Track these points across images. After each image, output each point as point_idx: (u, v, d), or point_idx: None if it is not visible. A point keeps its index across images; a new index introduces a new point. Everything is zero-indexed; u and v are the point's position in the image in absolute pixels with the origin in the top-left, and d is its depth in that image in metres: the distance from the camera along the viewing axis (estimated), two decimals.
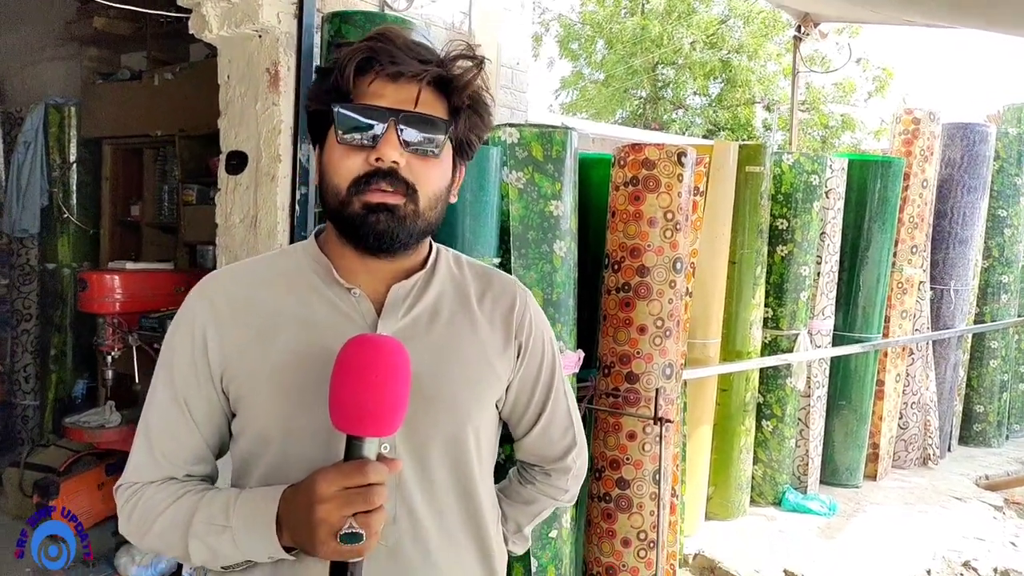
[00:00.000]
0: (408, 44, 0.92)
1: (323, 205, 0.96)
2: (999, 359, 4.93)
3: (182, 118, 3.40)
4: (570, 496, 1.22)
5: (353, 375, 0.81)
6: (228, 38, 2.49)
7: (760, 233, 3.54)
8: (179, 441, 0.96)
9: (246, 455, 0.97)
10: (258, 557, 0.89)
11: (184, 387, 0.96)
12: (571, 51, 17.32)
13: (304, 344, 0.94)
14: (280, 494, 0.87)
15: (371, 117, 0.89)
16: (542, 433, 1.14)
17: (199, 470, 0.99)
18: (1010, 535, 3.62)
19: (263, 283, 0.99)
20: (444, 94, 0.94)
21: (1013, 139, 4.78)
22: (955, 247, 4.55)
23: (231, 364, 0.95)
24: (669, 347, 2.63)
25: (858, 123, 15.49)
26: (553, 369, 1.13)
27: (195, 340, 0.95)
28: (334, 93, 0.91)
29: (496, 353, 1.04)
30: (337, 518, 0.80)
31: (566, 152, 2.41)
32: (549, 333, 1.14)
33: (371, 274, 0.98)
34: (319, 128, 0.96)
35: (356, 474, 0.81)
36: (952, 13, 3.50)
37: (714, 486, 3.59)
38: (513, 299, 1.08)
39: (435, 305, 1.01)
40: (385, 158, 0.89)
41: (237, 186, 2.50)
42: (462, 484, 1.00)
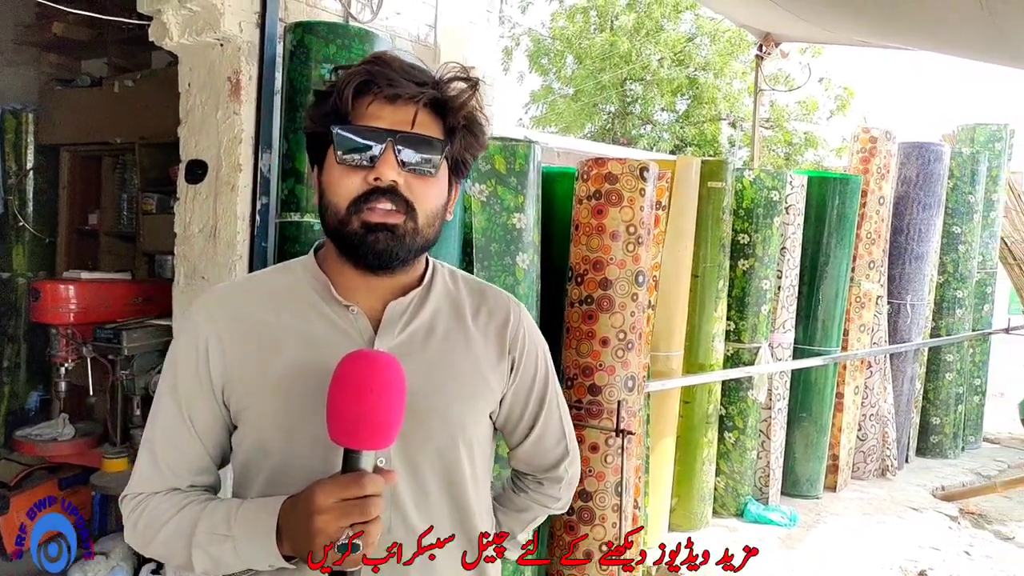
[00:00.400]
0: (404, 67, 0.95)
1: (323, 224, 0.99)
2: (954, 372, 5.05)
3: (143, 126, 3.34)
4: (562, 504, 1.26)
5: (350, 390, 0.84)
6: (189, 46, 2.46)
7: (722, 247, 3.60)
8: (183, 452, 1.00)
9: (246, 466, 1.00)
10: (259, 565, 0.92)
11: (188, 400, 0.99)
12: (541, 66, 17.45)
13: (304, 359, 0.97)
14: (280, 505, 0.90)
15: (369, 138, 0.92)
16: (535, 444, 1.17)
17: (202, 480, 1.02)
18: (964, 544, 3.70)
19: (264, 299, 1.02)
20: (440, 115, 0.97)
21: (967, 158, 4.93)
22: (911, 263, 4.66)
23: (232, 377, 0.98)
24: (631, 359, 2.65)
25: (821, 141, 15.82)
26: (547, 382, 1.16)
27: (198, 354, 0.99)
28: (333, 115, 0.94)
29: (490, 367, 1.07)
30: (335, 529, 0.83)
31: (529, 165, 2.43)
32: (543, 347, 1.17)
33: (369, 291, 1.00)
34: (318, 149, 0.99)
35: (353, 486, 0.83)
36: (902, 35, 3.61)
37: (677, 497, 3.61)
38: (507, 314, 1.11)
39: (431, 322, 1.04)
40: (384, 177, 0.92)
41: (197, 195, 2.47)
42: (453, 493, 1.03)
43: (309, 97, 2.24)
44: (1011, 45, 2.63)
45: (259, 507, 0.92)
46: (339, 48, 2.23)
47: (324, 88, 0.99)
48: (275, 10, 2.39)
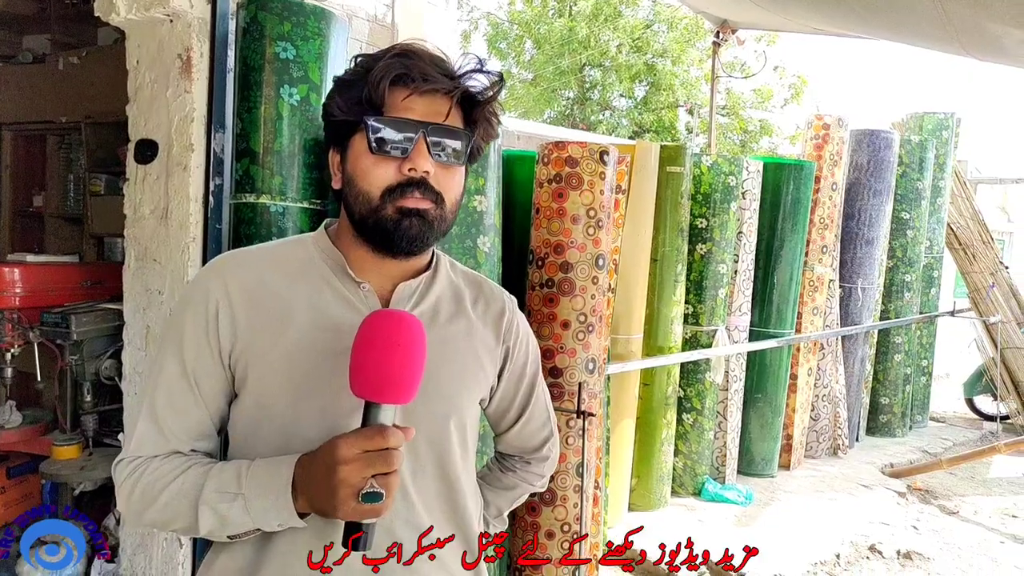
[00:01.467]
0: (435, 60, 0.99)
1: (347, 209, 1.02)
2: (903, 353, 5.21)
3: (89, 104, 3.24)
4: (544, 481, 1.33)
5: (378, 342, 0.86)
6: (137, 22, 2.37)
7: (681, 232, 3.63)
8: (186, 416, 1.00)
9: (247, 434, 1.01)
10: (268, 525, 0.92)
11: (194, 362, 0.99)
12: (500, 50, 17.36)
13: (315, 332, 0.99)
14: (296, 460, 0.91)
15: (404, 130, 0.96)
16: (523, 428, 1.24)
17: (203, 446, 1.02)
18: (912, 519, 3.83)
19: (275, 267, 1.04)
20: (464, 106, 1.02)
21: (915, 146, 5.05)
22: (862, 247, 4.77)
23: (241, 344, 0.99)
24: (592, 342, 2.66)
25: (775, 128, 16.09)
26: (536, 371, 1.24)
27: (208, 318, 0.99)
28: (366, 104, 0.97)
29: (486, 354, 1.12)
30: (358, 479, 0.84)
31: (490, 147, 2.41)
32: (533, 338, 1.24)
33: (381, 272, 1.04)
34: (340, 136, 1.02)
35: (378, 436, 0.85)
36: (858, 23, 3.67)
37: (637, 478, 3.66)
38: (503, 306, 1.17)
39: (436, 305, 1.08)
40: (419, 168, 0.96)
41: (147, 176, 2.39)
42: (443, 469, 1.06)
43: (264, 75, 2.19)
44: (960, 33, 2.70)
45: (273, 463, 0.92)
46: (293, 26, 2.18)
47: (347, 76, 1.01)
48: None
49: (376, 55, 0.99)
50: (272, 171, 2.16)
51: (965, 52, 3.13)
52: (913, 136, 5.18)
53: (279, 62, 2.16)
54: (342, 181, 1.03)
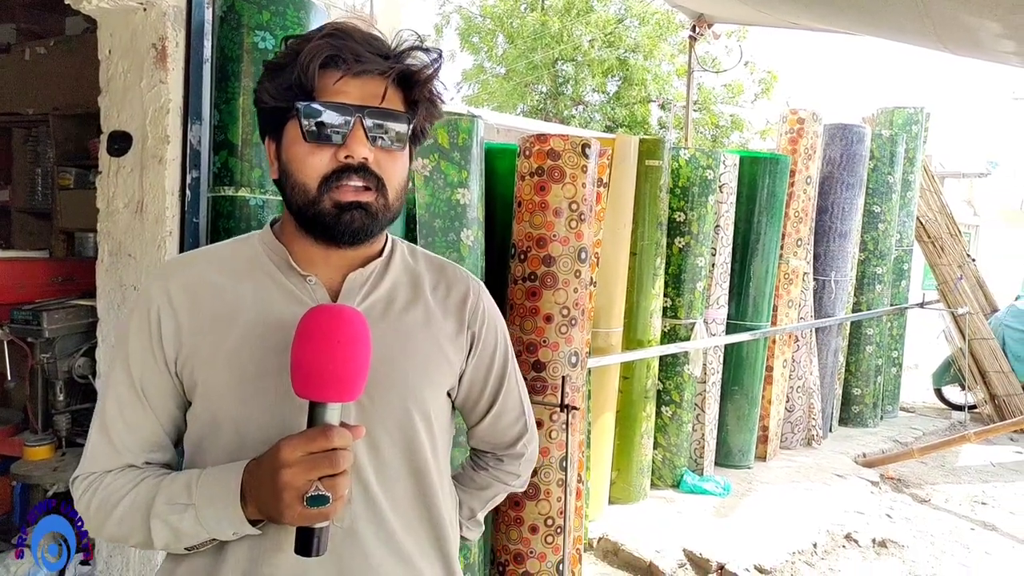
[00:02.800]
0: (368, 39, 0.93)
1: (286, 201, 0.97)
2: (874, 345, 5.29)
3: (57, 96, 3.15)
4: (521, 481, 1.26)
5: (316, 339, 0.82)
6: (109, 10, 2.31)
7: (659, 225, 3.65)
8: (137, 428, 0.97)
9: (200, 440, 0.97)
10: (223, 534, 0.89)
11: (140, 373, 0.97)
12: (472, 44, 17.29)
13: (260, 330, 0.95)
14: (243, 467, 0.88)
15: (339, 114, 0.91)
16: (495, 421, 1.17)
17: (158, 457, 0.99)
18: (886, 508, 3.89)
19: (219, 270, 1.00)
20: (403, 87, 0.96)
21: (886, 140, 5.13)
22: (835, 240, 4.84)
23: (186, 350, 0.95)
24: (575, 335, 2.66)
25: (746, 123, 16.24)
26: (506, 359, 1.16)
27: (151, 326, 0.96)
28: (296, 89, 0.91)
29: (449, 341, 1.06)
30: (303, 481, 0.81)
31: (472, 140, 2.39)
32: (502, 324, 1.17)
33: (328, 263, 1.00)
34: (273, 124, 0.97)
35: (321, 438, 0.82)
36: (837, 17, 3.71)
37: (617, 471, 3.67)
38: (466, 290, 1.11)
39: (390, 294, 1.03)
40: (355, 154, 0.91)
41: (121, 169, 2.33)
42: (414, 467, 1.02)
43: (242, 66, 2.15)
44: (937, 27, 2.74)
45: (221, 471, 0.90)
46: (272, 15, 2.14)
47: (277, 60, 0.95)
48: None
49: (307, 36, 0.94)
50: (251, 164, 2.12)
51: (942, 46, 3.18)
52: (884, 131, 5.26)
53: (257, 52, 2.11)
54: (279, 171, 0.98)
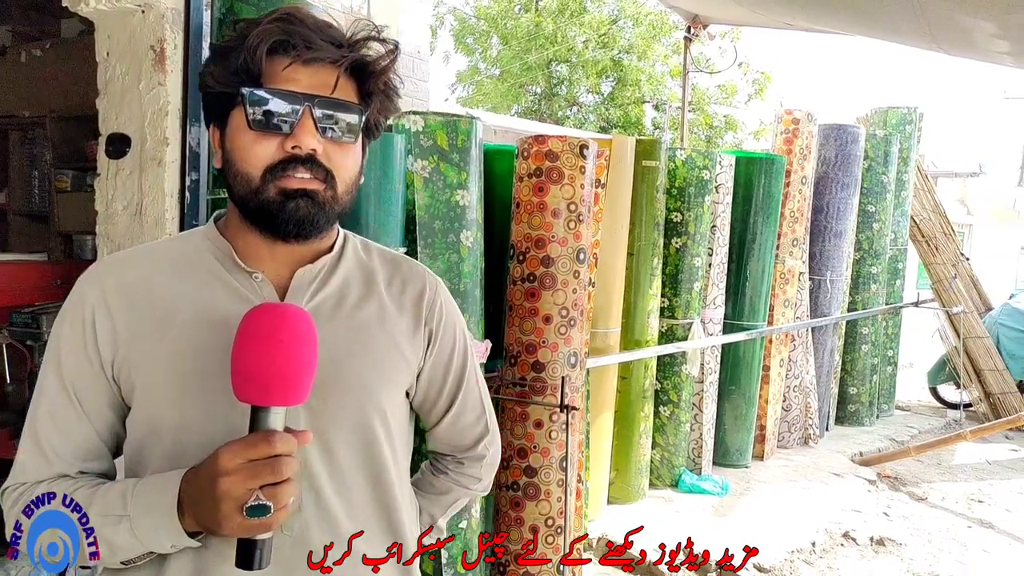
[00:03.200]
0: (320, 26, 0.89)
1: (228, 190, 0.92)
2: (870, 344, 5.31)
3: (54, 98, 3.14)
4: (483, 485, 1.21)
5: (256, 340, 0.78)
6: (107, 13, 2.31)
7: (656, 226, 3.65)
8: (69, 434, 0.91)
9: (140, 447, 0.92)
10: (159, 546, 0.84)
11: (73, 377, 0.91)
12: (466, 45, 17.32)
13: (202, 329, 0.90)
14: (181, 476, 0.83)
15: (287, 103, 0.86)
16: (454, 421, 1.13)
17: (93, 467, 0.93)
18: (883, 506, 3.91)
19: (158, 268, 0.95)
20: (356, 78, 0.92)
21: (880, 140, 5.15)
22: (830, 240, 4.85)
23: (123, 352, 0.90)
24: (574, 336, 2.66)
25: (739, 124, 16.30)
26: (465, 357, 1.12)
27: (85, 327, 0.91)
28: (243, 74, 0.87)
29: (405, 338, 1.02)
30: (242, 491, 0.76)
31: (471, 141, 2.40)
32: (461, 321, 1.12)
33: (275, 259, 0.95)
34: (218, 110, 0.92)
35: (262, 444, 0.77)
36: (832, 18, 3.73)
37: (616, 471, 3.68)
38: (423, 286, 1.06)
39: (341, 290, 0.99)
40: (303, 145, 0.86)
41: (119, 171, 2.33)
42: (372, 471, 0.98)
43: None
44: (933, 27, 2.76)
45: (158, 480, 0.84)
46: None
47: (225, 42, 0.91)
48: None
49: (257, 19, 0.89)
50: None
51: (936, 47, 3.20)
52: (878, 130, 5.29)
53: None
54: (222, 160, 0.93)
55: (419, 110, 2.45)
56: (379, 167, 2.14)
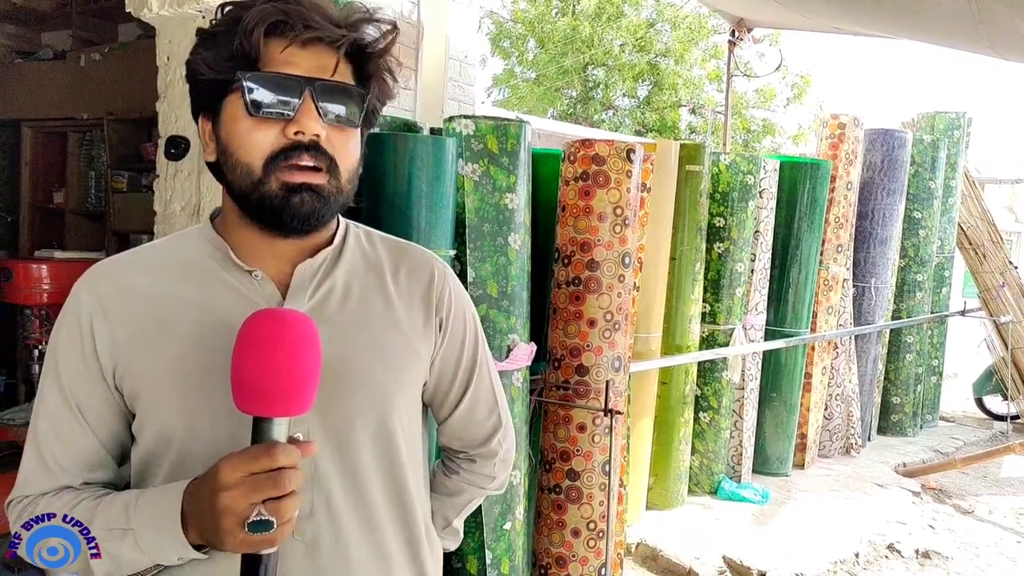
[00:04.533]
0: (317, 6, 0.85)
1: (225, 184, 0.88)
2: (914, 353, 5.21)
3: (111, 101, 3.23)
4: (498, 484, 1.16)
5: (256, 348, 0.74)
6: (169, 18, 2.38)
7: (699, 230, 3.64)
8: (72, 445, 0.88)
9: (146, 456, 0.89)
10: (166, 560, 0.82)
11: (73, 386, 0.88)
12: (503, 49, 17.37)
13: (203, 332, 0.87)
14: (184, 487, 0.80)
15: (287, 87, 0.82)
16: (466, 415, 1.08)
17: (98, 477, 0.90)
18: (928, 519, 3.84)
19: (155, 269, 0.91)
20: (354, 61, 0.89)
21: (927, 145, 5.06)
22: (875, 247, 4.78)
23: (123, 358, 0.87)
24: (618, 340, 2.67)
25: (778, 128, 16.12)
26: (476, 346, 1.07)
27: (83, 335, 0.87)
28: (239, 59, 0.82)
29: (415, 330, 0.98)
30: (244, 506, 0.73)
31: (520, 145, 2.42)
32: (471, 309, 1.08)
33: (275, 255, 0.91)
34: (209, 99, 0.87)
35: (263, 457, 0.74)
36: (883, 21, 3.68)
37: (655, 476, 3.67)
38: (431, 273, 1.01)
39: (346, 283, 0.95)
40: (306, 131, 0.82)
41: (178, 172, 2.40)
42: (390, 473, 0.94)
43: None
44: (990, 32, 2.71)
45: (161, 493, 0.82)
46: None
47: (213, 27, 0.87)
48: None
49: (245, 2, 0.84)
50: None
51: (991, 51, 3.14)
52: (925, 136, 5.19)
53: None
54: (216, 152, 0.88)
55: (469, 114, 2.48)
56: (431, 170, 2.17)
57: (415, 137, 2.22)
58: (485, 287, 2.32)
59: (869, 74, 44.97)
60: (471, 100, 3.46)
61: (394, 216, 2.16)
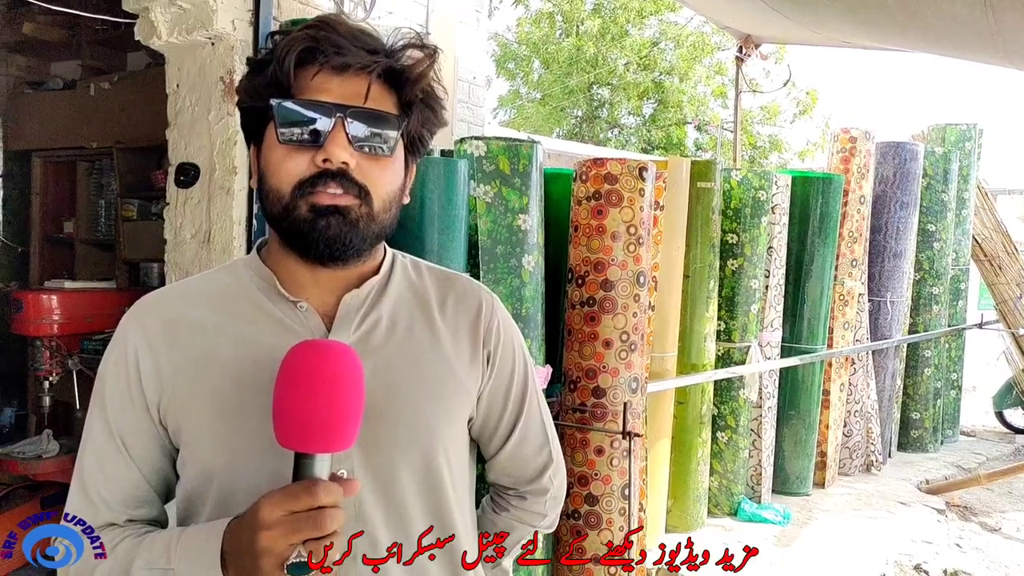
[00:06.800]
0: (353, 32, 0.84)
1: (263, 211, 0.89)
2: (932, 367, 5.14)
3: (120, 129, 3.24)
4: (549, 522, 1.13)
5: (297, 383, 0.73)
6: (178, 45, 2.38)
7: (712, 247, 3.60)
8: (117, 481, 0.87)
9: (190, 494, 0.88)
10: None
11: (119, 421, 0.87)
12: (508, 70, 17.49)
13: (247, 365, 0.86)
14: (224, 527, 0.79)
15: (316, 113, 0.82)
16: (515, 450, 1.05)
17: (142, 514, 0.89)
18: (955, 537, 3.75)
19: (201, 301, 0.91)
20: (394, 87, 0.87)
21: (939, 157, 5.02)
22: (890, 260, 4.73)
23: (167, 392, 0.86)
24: (635, 361, 2.62)
25: (784, 144, 16.10)
26: (526, 380, 1.04)
27: (128, 368, 0.87)
28: (273, 87, 0.83)
29: (462, 364, 0.96)
30: (283, 546, 0.72)
31: (532, 166, 2.39)
32: (520, 340, 1.05)
33: (320, 285, 0.90)
34: (255, 126, 0.88)
35: (304, 495, 0.72)
36: (895, 34, 3.66)
37: (673, 499, 3.60)
38: (479, 304, 1.00)
39: (392, 315, 0.93)
40: (333, 159, 0.81)
41: (188, 200, 2.39)
42: (433, 511, 0.92)
43: None
44: (1008, 43, 2.68)
45: (201, 533, 0.81)
46: None
47: (260, 56, 0.87)
48: (268, 8, 2.33)
49: (289, 30, 0.85)
50: None
51: (1006, 61, 3.11)
52: (936, 148, 5.15)
53: None
54: (257, 181, 0.89)
55: (480, 135, 2.46)
56: (443, 192, 2.15)
57: (426, 159, 2.20)
58: None
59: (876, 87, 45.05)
60: (480, 121, 3.45)
61: (407, 240, 2.13)
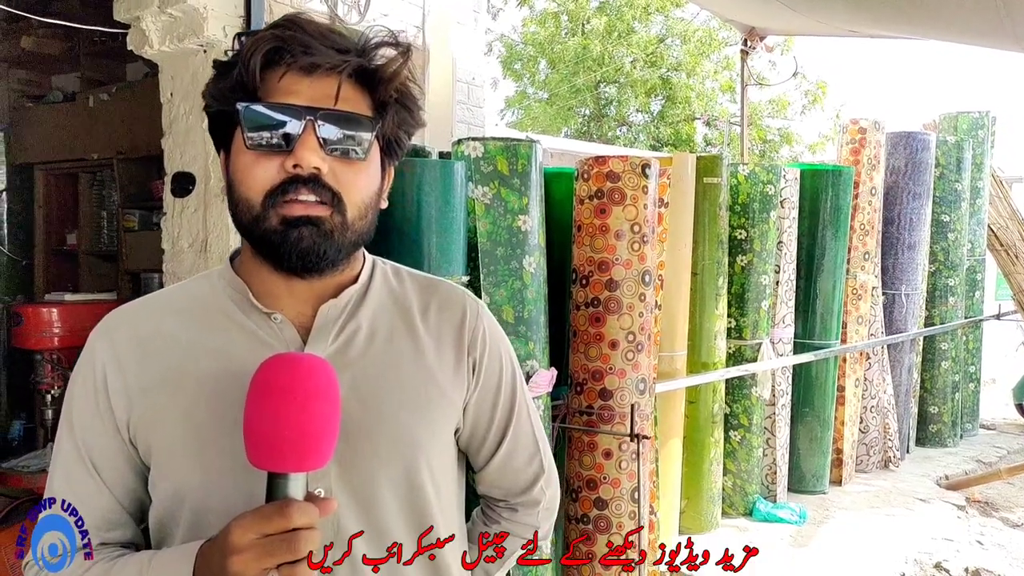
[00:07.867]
0: (322, 31, 0.81)
1: (235, 221, 0.84)
2: (950, 360, 5.04)
3: (120, 140, 3.24)
4: (542, 534, 1.09)
5: (266, 399, 0.70)
6: (170, 54, 2.36)
7: (720, 244, 3.54)
8: (87, 504, 0.84)
9: (163, 515, 0.85)
10: None
11: (87, 441, 0.84)
12: (514, 71, 17.47)
13: (219, 379, 0.82)
14: (196, 550, 0.75)
15: (284, 116, 0.78)
16: (505, 461, 1.02)
17: (115, 536, 0.86)
18: (975, 534, 3.67)
19: (172, 314, 0.87)
20: (367, 88, 0.83)
21: (952, 147, 4.93)
22: (904, 252, 4.64)
23: (137, 408, 0.83)
24: (642, 361, 2.58)
25: (795, 137, 15.96)
26: (514, 388, 1.01)
27: (96, 386, 0.84)
28: (240, 90, 0.79)
29: (446, 373, 0.92)
30: (256, 571, 0.68)
31: (531, 166, 2.35)
32: (507, 348, 1.01)
33: (295, 296, 0.86)
34: (223, 132, 0.85)
35: (276, 517, 0.69)
36: (902, 21, 3.59)
37: (686, 500, 3.54)
38: (463, 311, 0.96)
39: (372, 324, 0.90)
40: (304, 163, 0.78)
41: (184, 209, 2.37)
42: (418, 526, 0.88)
43: None
44: (1016, 26, 2.61)
45: (172, 556, 0.78)
46: None
47: (227, 58, 0.83)
48: (260, 13, 2.30)
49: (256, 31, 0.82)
50: None
51: (1019, 47, 3.03)
52: (948, 137, 5.06)
53: None
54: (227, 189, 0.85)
55: (478, 136, 2.43)
56: (440, 195, 2.11)
57: (422, 162, 2.16)
58: (500, 313, 2.24)
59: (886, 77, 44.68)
60: (481, 122, 3.41)
61: (404, 244, 2.09)
